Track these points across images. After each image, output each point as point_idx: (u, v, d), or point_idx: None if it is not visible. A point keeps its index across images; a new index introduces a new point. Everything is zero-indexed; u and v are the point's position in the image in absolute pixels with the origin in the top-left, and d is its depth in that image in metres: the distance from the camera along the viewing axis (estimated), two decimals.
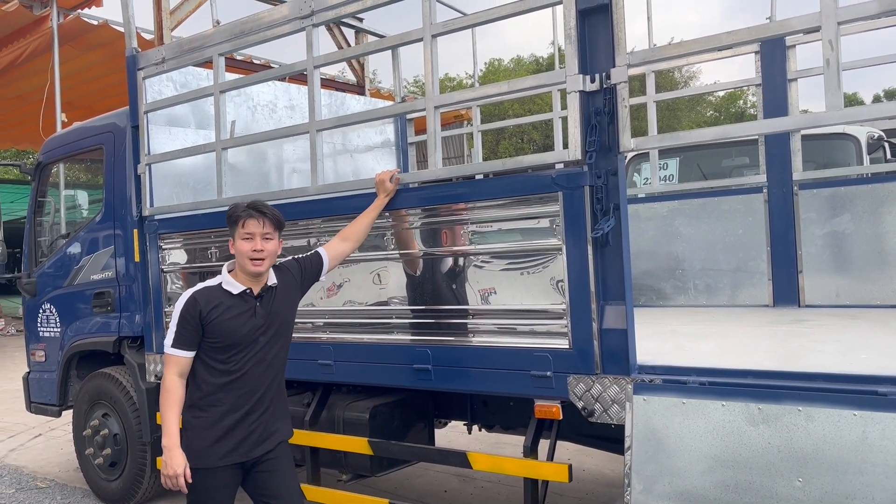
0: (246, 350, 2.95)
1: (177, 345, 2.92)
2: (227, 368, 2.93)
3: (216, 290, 2.98)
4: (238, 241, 2.97)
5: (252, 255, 2.93)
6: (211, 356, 2.94)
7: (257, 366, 2.98)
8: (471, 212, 3.41)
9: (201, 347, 2.94)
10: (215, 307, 2.91)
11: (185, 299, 2.94)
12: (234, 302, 2.96)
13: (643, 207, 5.37)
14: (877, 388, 2.43)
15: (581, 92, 2.97)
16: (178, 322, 2.91)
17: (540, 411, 3.26)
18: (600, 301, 3.05)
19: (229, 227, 3.03)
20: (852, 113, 2.76)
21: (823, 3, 2.52)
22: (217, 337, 2.91)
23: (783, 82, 4.81)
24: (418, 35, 3.38)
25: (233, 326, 2.92)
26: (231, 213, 3.02)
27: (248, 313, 2.96)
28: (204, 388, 2.94)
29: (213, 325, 2.90)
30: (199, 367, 2.95)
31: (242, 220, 2.96)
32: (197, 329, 2.90)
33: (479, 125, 6.53)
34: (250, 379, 2.97)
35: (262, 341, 2.99)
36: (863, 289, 4.52)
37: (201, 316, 2.89)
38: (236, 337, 2.93)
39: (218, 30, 4.30)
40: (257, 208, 2.99)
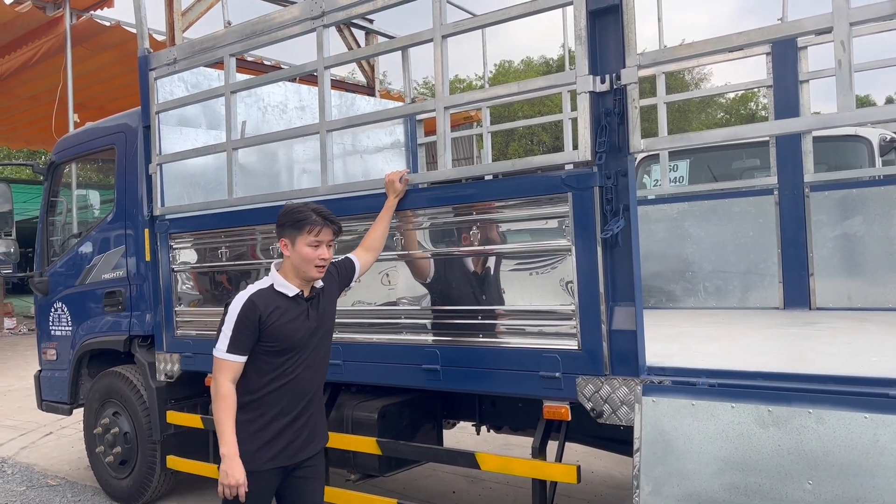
0: (300, 354, 2.91)
1: (232, 349, 2.83)
2: (281, 372, 2.88)
3: (270, 292, 2.90)
4: (302, 247, 2.87)
5: (319, 262, 2.89)
6: (264, 360, 2.87)
7: (307, 370, 2.94)
8: (480, 213, 3.41)
9: (254, 351, 2.86)
10: (273, 311, 2.85)
11: (243, 303, 2.84)
12: (289, 305, 2.90)
13: (653, 209, 5.36)
14: (888, 391, 2.41)
15: (591, 93, 2.96)
16: (234, 326, 2.82)
17: (548, 412, 3.25)
18: (609, 302, 3.04)
19: (290, 228, 2.90)
20: (864, 114, 2.75)
21: (835, 4, 2.50)
22: (275, 341, 2.85)
23: (795, 84, 4.79)
24: (428, 36, 3.39)
25: (290, 330, 2.87)
26: (299, 216, 2.89)
27: (302, 317, 2.92)
28: (254, 391, 2.87)
29: (272, 330, 2.83)
30: (250, 370, 2.88)
31: (317, 228, 2.87)
32: (254, 333, 2.83)
33: (489, 126, 6.52)
34: (300, 383, 2.93)
35: (312, 345, 2.95)
36: (874, 291, 4.49)
37: (261, 320, 2.82)
38: (293, 341, 2.88)
39: (229, 30, 4.33)
40: (330, 219, 2.92)
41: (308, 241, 2.87)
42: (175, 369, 4.80)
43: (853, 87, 2.53)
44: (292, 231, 2.89)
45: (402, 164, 6.40)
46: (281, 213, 2.96)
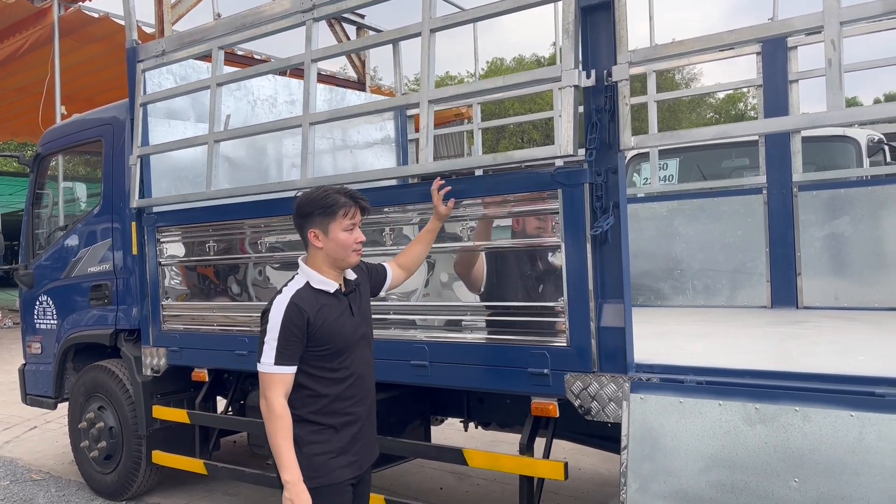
0: (352, 352, 2.68)
1: (281, 361, 2.52)
2: (340, 376, 2.64)
3: (310, 291, 2.62)
4: (338, 233, 2.63)
5: (356, 246, 2.67)
6: (318, 366, 2.60)
7: (363, 368, 2.73)
8: (470, 208, 3.40)
9: (303, 359, 2.59)
10: (320, 310, 2.59)
11: (285, 307, 2.55)
12: (332, 302, 2.65)
13: (642, 207, 5.36)
14: (874, 390, 2.42)
15: (576, 87, 2.95)
16: (280, 335, 2.52)
17: (536, 409, 3.25)
18: (599, 299, 3.04)
19: (320, 216, 2.63)
20: (853, 113, 2.76)
21: (826, 3, 2.51)
22: (326, 343, 2.59)
23: (784, 83, 4.80)
24: (417, 29, 3.37)
25: (339, 328, 2.63)
26: (328, 201, 2.64)
27: (346, 313, 2.68)
28: (319, 400, 2.61)
29: (321, 331, 2.58)
30: (306, 381, 2.60)
31: (351, 209, 2.65)
32: (302, 340, 2.55)
33: (480, 123, 6.51)
34: (361, 383, 2.71)
35: (362, 342, 2.74)
36: (861, 291, 4.52)
37: (309, 324, 2.55)
38: (345, 340, 2.64)
39: (218, 22, 4.30)
40: (356, 196, 2.69)
41: (344, 225, 2.63)
42: (161, 364, 4.77)
43: (843, 87, 2.54)
44: (323, 218, 2.63)
45: (392, 159, 6.38)
46: (302, 203, 2.69)
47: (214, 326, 4.52)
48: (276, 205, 4.18)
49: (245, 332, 4.32)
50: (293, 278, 2.69)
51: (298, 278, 2.67)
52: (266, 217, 4.22)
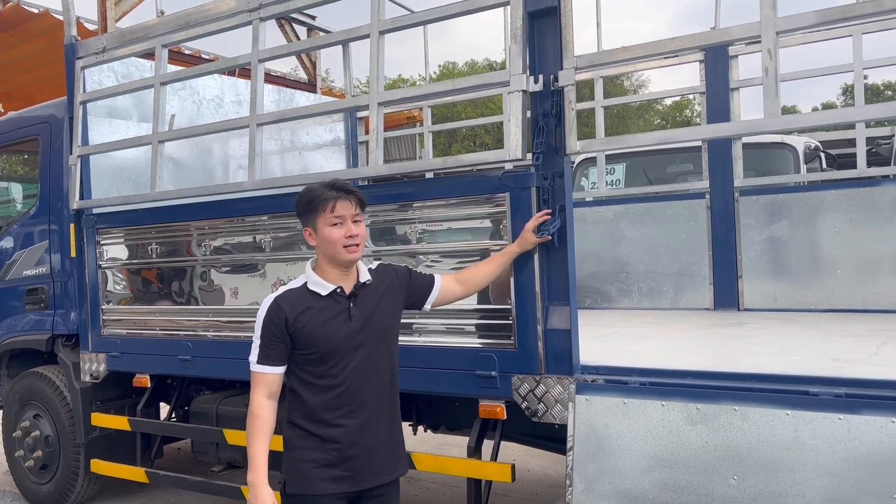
0: (345, 359, 2.50)
1: (263, 360, 2.49)
2: (327, 384, 2.50)
3: (301, 292, 2.54)
4: (325, 229, 2.50)
5: (347, 241, 2.49)
6: (306, 370, 2.52)
7: (360, 378, 2.53)
8: (419, 211, 3.39)
9: (293, 361, 2.52)
10: (303, 312, 2.48)
11: (267, 306, 2.51)
12: (324, 304, 2.52)
13: (590, 211, 5.44)
14: (808, 388, 2.50)
15: (524, 92, 2.98)
16: (261, 334, 2.50)
17: (484, 411, 3.26)
18: (545, 302, 3.07)
19: (306, 214, 2.55)
20: (789, 120, 2.84)
21: (763, 14, 2.58)
22: (310, 347, 2.48)
23: (726, 91, 4.93)
24: (366, 31, 3.36)
25: (326, 333, 2.49)
26: (310, 196, 2.53)
27: (341, 316, 2.52)
28: (305, 406, 2.52)
29: (303, 334, 2.47)
30: (296, 384, 2.54)
31: (330, 202, 2.49)
32: (284, 340, 2.48)
33: (430, 126, 6.52)
34: (353, 394, 2.51)
35: (364, 349, 2.54)
36: (798, 293, 4.66)
37: (287, 324, 2.46)
38: (332, 345, 2.49)
39: (162, 20, 4.21)
40: (344, 187, 2.53)
41: (328, 220, 2.50)
42: (101, 369, 4.64)
43: (779, 94, 2.61)
44: (310, 216, 2.54)
45: (342, 161, 6.33)
46: (296, 202, 2.61)
47: (157, 331, 4.41)
48: (222, 206, 4.10)
49: (190, 337, 4.23)
50: (299, 277, 2.63)
51: (300, 278, 2.61)
52: (212, 219, 4.15)
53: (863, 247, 4.44)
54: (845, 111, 7.68)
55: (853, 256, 4.47)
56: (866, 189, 4.53)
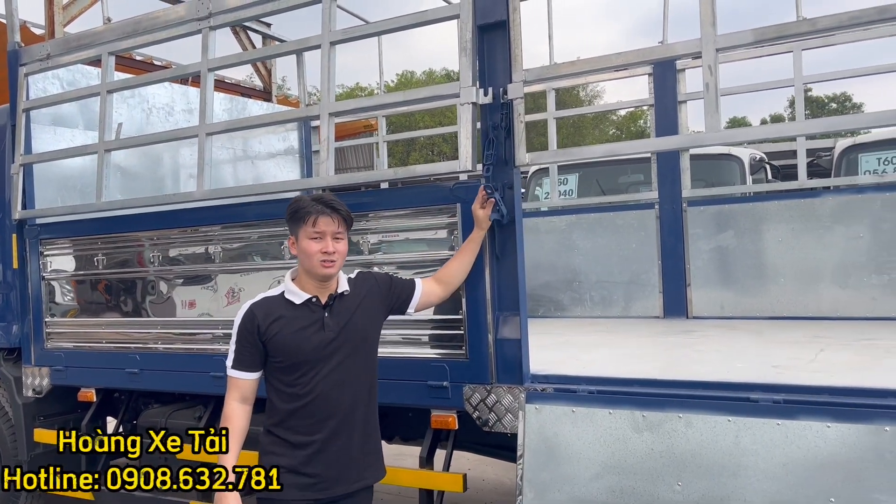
0: (316, 369, 2.54)
1: (237, 365, 2.56)
2: (297, 392, 2.53)
3: (277, 300, 2.59)
4: (304, 241, 2.55)
5: (322, 257, 2.53)
6: (278, 378, 2.56)
7: (332, 387, 2.55)
8: (374, 221, 3.39)
9: (267, 368, 2.58)
10: (276, 320, 2.53)
11: (243, 313, 2.57)
12: (297, 313, 2.56)
13: (543, 221, 5.50)
14: (749, 395, 2.57)
15: (474, 104, 3.01)
16: (236, 339, 2.56)
17: (436, 421, 3.27)
18: (496, 312, 3.09)
19: (291, 223, 2.61)
20: (729, 134, 2.94)
21: (704, 31, 2.66)
22: (280, 356, 2.53)
23: (674, 104, 5.05)
24: (317, 41, 3.35)
25: (297, 342, 2.52)
26: (296, 207, 2.59)
27: (314, 326, 2.56)
28: (276, 414, 2.57)
29: (275, 342, 2.52)
30: (270, 390, 2.59)
31: (313, 217, 2.54)
32: (256, 347, 2.53)
33: (385, 136, 6.53)
34: (326, 403, 2.54)
35: (335, 358, 2.57)
36: (744, 301, 4.79)
37: (259, 331, 2.52)
38: (303, 354, 2.52)
39: (109, 27, 4.13)
40: (329, 204, 2.58)
41: (309, 233, 2.55)
42: (45, 384, 4.51)
43: (720, 109, 2.69)
44: (294, 226, 2.59)
45: (296, 171, 6.30)
46: (286, 210, 2.66)
47: (104, 344, 4.31)
48: (171, 216, 4.04)
49: (139, 350, 4.15)
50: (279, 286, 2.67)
51: (279, 286, 2.66)
52: (161, 229, 4.08)
53: (804, 256, 4.59)
54: (784, 126, 7.95)
55: (795, 265, 4.62)
56: (808, 200, 4.68)
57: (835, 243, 4.51)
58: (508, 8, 2.97)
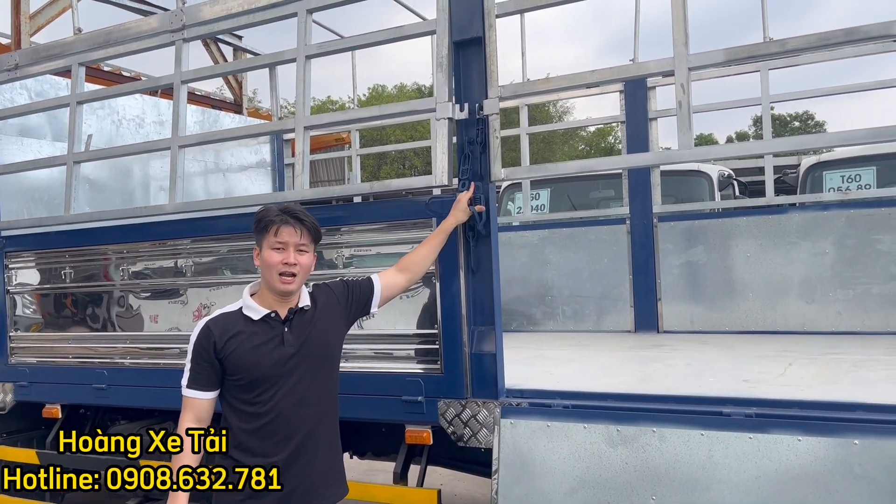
0: (276, 386, 2.44)
1: (192, 385, 2.44)
2: (256, 410, 2.43)
3: (235, 316, 2.49)
4: (266, 252, 2.46)
5: (283, 268, 2.44)
6: (236, 396, 2.45)
7: (293, 405, 2.46)
8: (347, 235, 3.38)
9: (225, 387, 2.47)
10: (233, 337, 2.43)
11: (198, 330, 2.47)
12: (255, 329, 2.46)
13: (515, 235, 5.53)
14: (721, 409, 2.60)
15: (450, 119, 3.03)
16: (191, 357, 2.45)
17: (410, 437, 3.25)
18: (471, 326, 3.09)
19: (256, 233, 2.53)
20: (700, 152, 2.99)
21: (676, 50, 2.71)
22: (238, 373, 2.42)
23: (645, 120, 5.13)
24: (292, 55, 3.35)
25: (255, 358, 2.42)
26: (261, 217, 2.51)
27: (273, 341, 2.46)
28: (233, 435, 2.46)
29: (233, 359, 2.42)
30: (227, 410, 2.48)
31: (275, 226, 2.46)
32: (213, 365, 2.42)
33: (358, 149, 6.52)
34: (286, 421, 2.45)
35: (295, 375, 2.47)
36: (714, 316, 4.86)
37: (216, 348, 2.42)
38: (261, 370, 2.42)
39: (79, 37, 4.07)
40: (294, 214, 2.49)
41: (271, 243, 2.46)
42: (8, 400, 4.39)
43: (692, 127, 2.74)
44: (259, 235, 2.51)
45: (268, 183, 6.26)
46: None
47: (70, 359, 4.22)
48: (141, 230, 3.98)
49: (106, 365, 4.07)
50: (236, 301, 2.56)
51: (237, 302, 2.55)
52: (131, 243, 4.02)
53: (772, 271, 4.68)
54: (755, 144, 8.12)
55: (763, 280, 4.70)
56: (774, 216, 4.77)
57: (801, 259, 4.60)
58: (484, 25, 3.00)
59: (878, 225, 4.44)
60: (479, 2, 3.00)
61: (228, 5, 3.56)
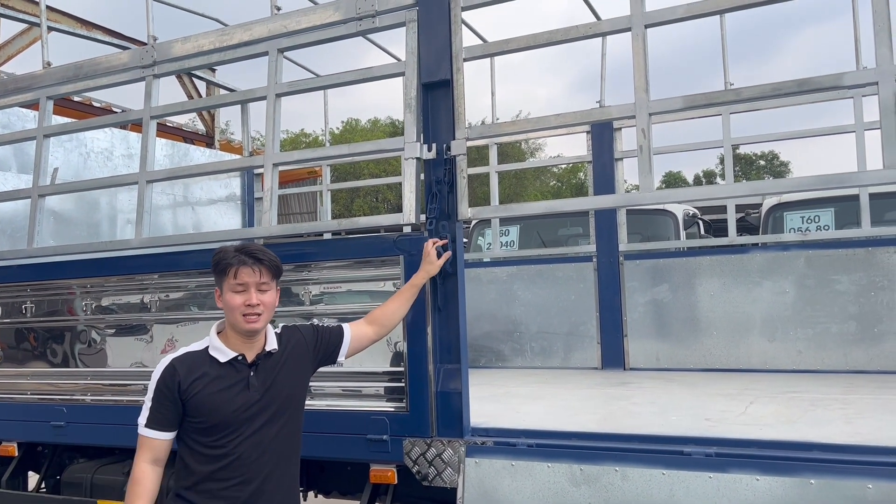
0: (238, 431, 2.40)
1: (151, 424, 2.37)
2: (215, 454, 2.39)
3: (201, 356, 2.45)
4: (228, 294, 2.44)
5: (245, 310, 2.41)
6: (195, 438, 2.40)
7: (253, 449, 2.42)
8: (316, 271, 3.38)
9: (183, 427, 2.41)
10: (198, 378, 2.38)
11: (163, 368, 2.41)
12: (221, 372, 2.42)
13: (484, 271, 5.57)
14: (682, 448, 2.63)
15: (417, 159, 3.07)
16: (153, 396, 2.38)
17: (375, 476, 3.22)
18: (437, 364, 3.10)
19: (215, 275, 2.50)
20: (662, 195, 3.06)
21: (637, 97, 2.79)
22: (200, 416, 2.38)
23: (611, 160, 5.24)
24: (263, 93, 3.38)
25: (219, 402, 2.38)
26: (218, 259, 2.48)
27: (238, 385, 2.42)
28: (190, 476, 2.40)
29: (196, 401, 2.37)
30: (183, 451, 2.43)
31: (234, 268, 2.43)
32: (176, 405, 2.37)
33: (329, 184, 6.55)
34: (245, 465, 2.40)
35: (258, 420, 2.44)
36: (679, 353, 4.92)
37: (180, 389, 2.36)
38: (223, 415, 2.38)
39: (49, 71, 4.07)
40: (251, 254, 2.46)
41: (231, 285, 2.43)
42: None
43: (653, 171, 2.81)
44: (218, 277, 2.48)
45: (238, 218, 6.24)
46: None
47: (28, 395, 4.13)
48: (107, 264, 3.94)
49: (66, 402, 3.98)
50: (203, 339, 2.52)
51: (203, 340, 2.51)
52: (95, 277, 3.97)
53: (735, 310, 4.76)
54: (714, 188, 8.35)
55: (726, 319, 4.78)
56: (737, 256, 4.88)
57: (763, 298, 4.70)
58: (452, 68, 3.06)
59: (836, 265, 4.56)
60: (447, 45, 3.07)
61: (200, 42, 3.59)
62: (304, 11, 3.33)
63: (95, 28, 6.32)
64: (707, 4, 2.77)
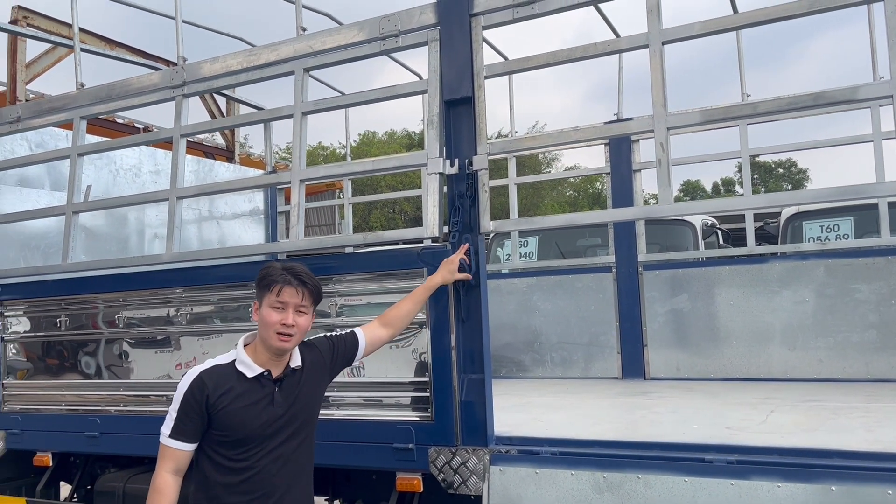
0: (261, 445, 2.46)
1: (176, 435, 2.41)
2: (237, 466, 2.44)
3: (228, 370, 2.49)
4: (266, 309, 2.49)
5: (281, 328, 2.47)
6: (218, 451, 2.45)
7: (274, 463, 2.48)
8: (339, 284, 3.46)
9: (206, 439, 2.45)
10: (225, 392, 2.42)
11: (191, 380, 2.44)
12: (248, 387, 2.47)
13: (504, 282, 5.63)
14: (704, 456, 2.67)
15: (440, 174, 3.15)
16: (179, 407, 2.42)
17: (401, 484, 3.28)
18: (461, 374, 3.17)
19: (258, 289, 2.56)
20: (680, 207, 3.13)
21: (656, 111, 2.85)
22: (226, 430, 2.42)
23: (629, 172, 5.29)
24: (289, 111, 3.48)
25: (245, 418, 2.43)
26: (264, 274, 2.54)
27: (264, 401, 2.48)
28: (210, 488, 2.44)
29: (222, 415, 2.41)
30: (204, 462, 2.47)
31: (278, 285, 2.49)
32: (202, 417, 2.41)
33: (350, 198, 6.65)
34: (265, 479, 2.46)
35: (281, 435, 2.50)
36: (699, 362, 4.95)
37: (208, 402, 2.40)
38: (248, 430, 2.44)
39: (82, 92, 4.20)
40: (297, 275, 2.52)
41: (271, 301, 2.48)
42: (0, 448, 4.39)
43: (671, 183, 2.87)
44: (260, 292, 2.54)
45: (261, 232, 6.35)
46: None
47: (63, 406, 4.24)
48: (137, 279, 4.06)
49: (98, 413, 4.09)
50: (230, 352, 2.57)
51: (230, 353, 2.55)
52: (126, 291, 4.08)
53: (754, 319, 4.79)
54: (732, 200, 8.36)
55: (746, 328, 4.81)
56: (756, 265, 4.91)
57: (782, 307, 4.72)
58: (473, 85, 3.14)
59: (856, 274, 4.57)
60: (468, 64, 3.15)
61: (228, 63, 3.71)
62: (329, 32, 3.43)
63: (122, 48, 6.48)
64: (723, 21, 2.83)
